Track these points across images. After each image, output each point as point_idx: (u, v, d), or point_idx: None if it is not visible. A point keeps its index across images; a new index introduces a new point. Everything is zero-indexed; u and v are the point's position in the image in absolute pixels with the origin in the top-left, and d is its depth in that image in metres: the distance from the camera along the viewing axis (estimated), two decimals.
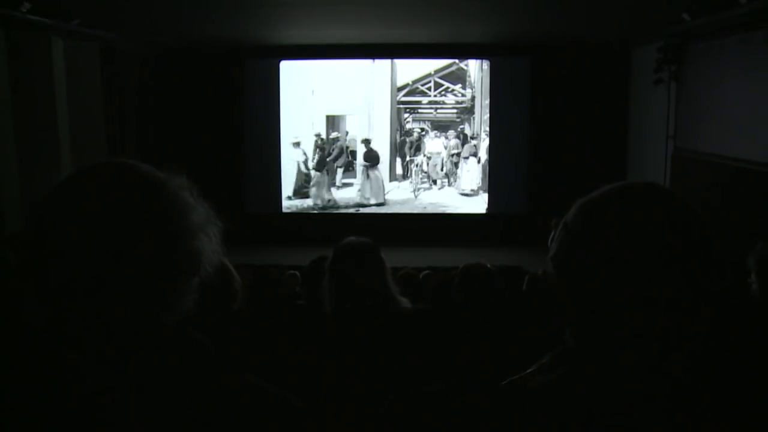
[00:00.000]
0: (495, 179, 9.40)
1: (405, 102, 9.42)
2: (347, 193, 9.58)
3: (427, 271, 4.91)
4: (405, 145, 9.48)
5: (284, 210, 9.55)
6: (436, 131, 9.47)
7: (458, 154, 9.45)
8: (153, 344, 0.82)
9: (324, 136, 9.46)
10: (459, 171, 9.50)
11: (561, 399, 0.85)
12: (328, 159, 9.47)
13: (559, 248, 0.90)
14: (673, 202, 0.86)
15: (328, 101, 9.39)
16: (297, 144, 9.45)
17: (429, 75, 9.38)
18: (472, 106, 9.41)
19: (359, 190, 9.54)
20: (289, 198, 9.58)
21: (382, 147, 9.47)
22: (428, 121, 9.46)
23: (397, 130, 9.44)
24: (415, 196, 9.55)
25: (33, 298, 0.79)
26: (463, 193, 9.54)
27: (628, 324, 0.83)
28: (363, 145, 9.46)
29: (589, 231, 0.86)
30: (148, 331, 0.82)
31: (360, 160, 9.47)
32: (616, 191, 0.89)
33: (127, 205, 0.80)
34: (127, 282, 0.79)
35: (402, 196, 9.58)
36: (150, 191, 0.83)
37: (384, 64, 9.32)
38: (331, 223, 9.08)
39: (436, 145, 9.49)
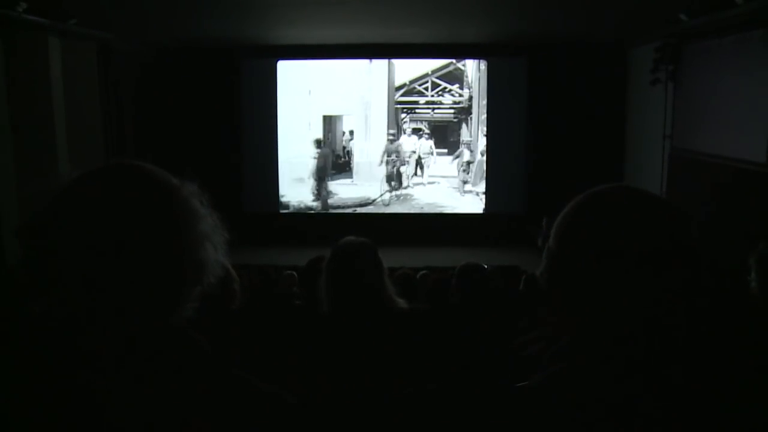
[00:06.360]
0: (492, 179, 9.41)
1: (402, 102, 9.42)
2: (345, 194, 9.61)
3: (424, 271, 4.90)
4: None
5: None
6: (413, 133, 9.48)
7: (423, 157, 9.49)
8: (150, 343, 0.82)
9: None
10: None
11: (556, 397, 0.85)
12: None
13: (546, 267, 0.92)
14: (644, 201, 0.87)
15: (325, 101, 9.38)
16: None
17: (426, 75, 9.38)
18: (470, 106, 9.41)
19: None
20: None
21: (378, 148, 9.48)
22: (425, 121, 9.46)
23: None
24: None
25: (36, 294, 0.79)
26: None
27: (618, 325, 0.85)
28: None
29: (566, 249, 0.88)
30: (146, 332, 0.82)
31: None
32: (583, 203, 0.90)
33: (137, 209, 0.80)
34: (128, 285, 0.79)
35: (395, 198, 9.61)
36: (161, 197, 0.83)
37: (381, 64, 9.31)
38: (329, 223, 9.08)
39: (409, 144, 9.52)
